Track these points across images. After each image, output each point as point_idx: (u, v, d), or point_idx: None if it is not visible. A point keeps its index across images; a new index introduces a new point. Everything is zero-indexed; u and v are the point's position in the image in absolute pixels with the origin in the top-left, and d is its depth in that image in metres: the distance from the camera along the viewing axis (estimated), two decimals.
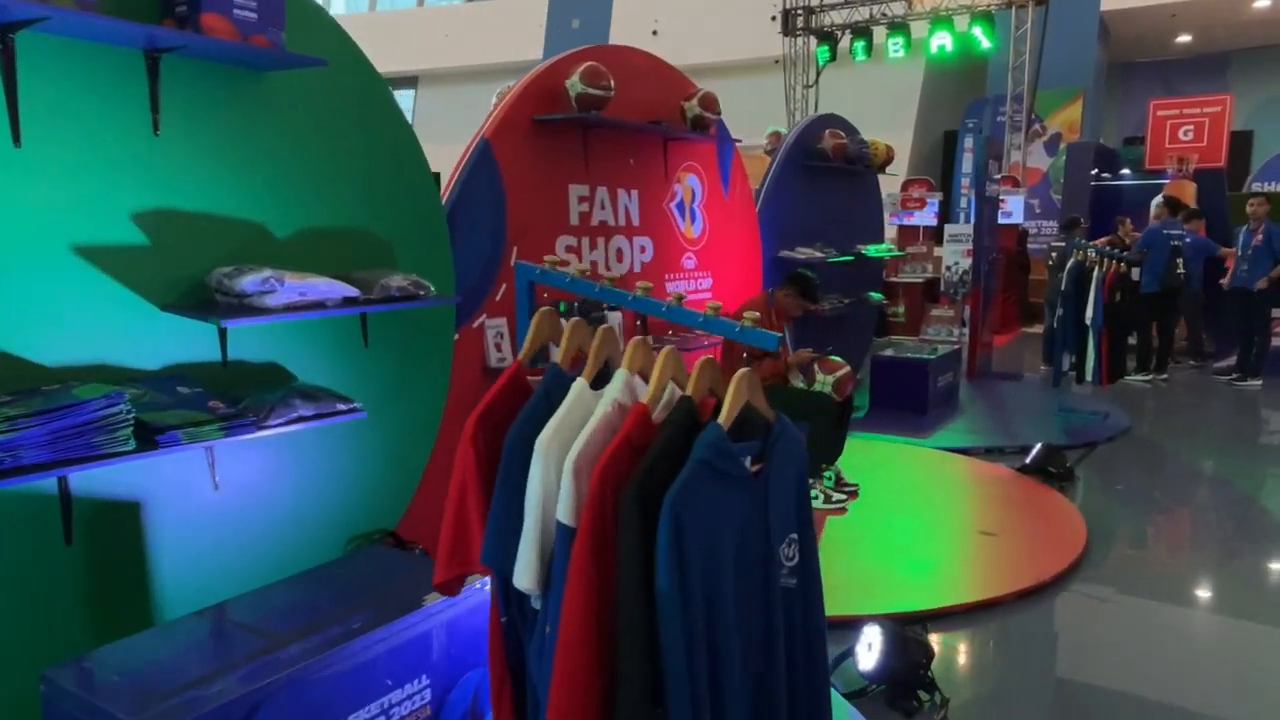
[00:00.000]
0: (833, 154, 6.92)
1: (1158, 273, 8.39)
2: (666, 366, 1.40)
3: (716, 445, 1.21)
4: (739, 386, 1.36)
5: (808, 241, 7.02)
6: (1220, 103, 10.94)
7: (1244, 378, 8.40)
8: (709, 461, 1.20)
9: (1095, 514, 4.58)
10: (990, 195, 8.39)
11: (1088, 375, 6.46)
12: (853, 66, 18.85)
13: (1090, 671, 3.06)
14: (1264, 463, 6.01)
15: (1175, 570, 3.99)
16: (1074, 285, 6.42)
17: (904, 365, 6.83)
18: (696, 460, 1.19)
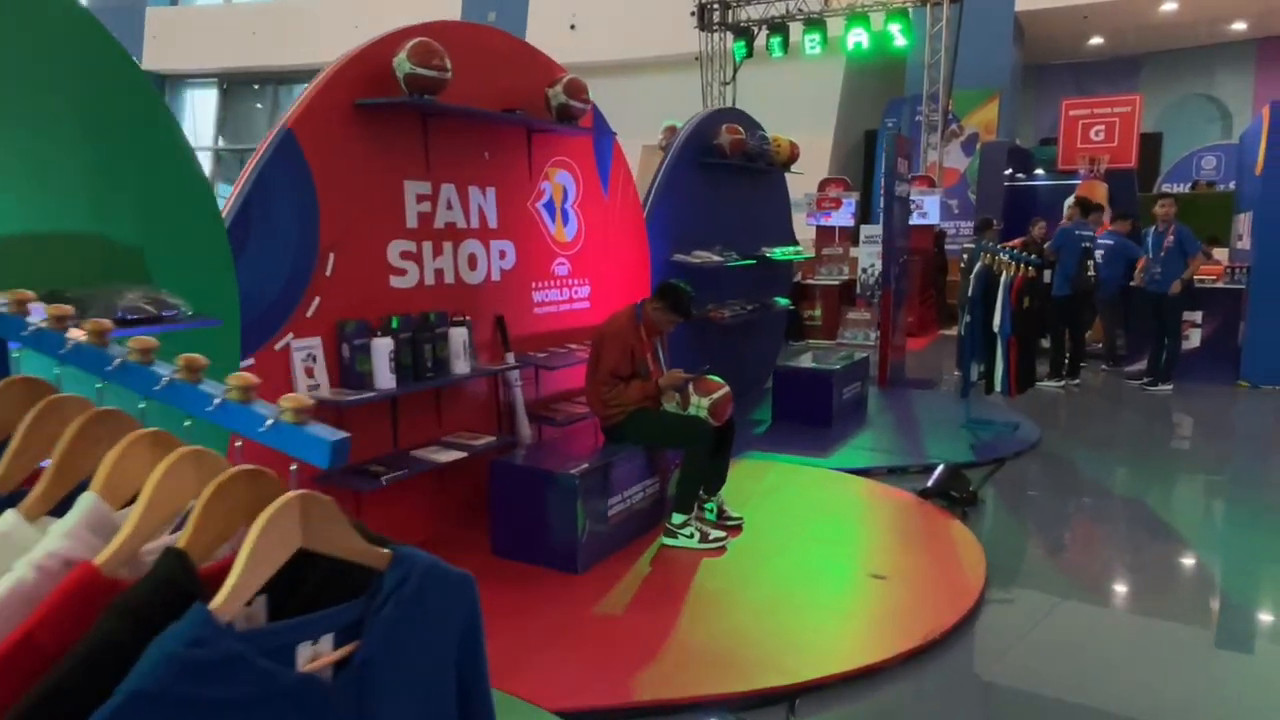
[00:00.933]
0: (730, 150, 6.44)
1: (1068, 275, 8.17)
2: (173, 482, 0.76)
3: (192, 646, 0.62)
4: (277, 524, 0.73)
5: (705, 244, 6.54)
6: (1130, 103, 10.86)
7: (1155, 382, 8.22)
8: (171, 686, 0.61)
9: (998, 545, 4.18)
10: (901, 195, 8.04)
11: (996, 385, 6.11)
12: (773, 64, 18.56)
13: None
14: (1175, 473, 5.73)
15: (1080, 616, 3.58)
16: (980, 290, 6.06)
17: (807, 377, 6.39)
18: (130, 692, 0.60)
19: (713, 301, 6.77)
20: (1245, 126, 19.42)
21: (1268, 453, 6.32)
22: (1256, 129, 9.18)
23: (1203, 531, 4.65)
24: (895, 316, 8.09)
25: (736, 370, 7.33)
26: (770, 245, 7.61)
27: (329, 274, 3.50)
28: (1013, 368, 6.08)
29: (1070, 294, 8.24)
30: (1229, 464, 5.98)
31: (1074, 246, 8.19)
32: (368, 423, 3.69)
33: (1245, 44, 18.60)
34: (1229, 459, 6.14)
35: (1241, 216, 9.91)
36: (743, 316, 6.87)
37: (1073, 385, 8.30)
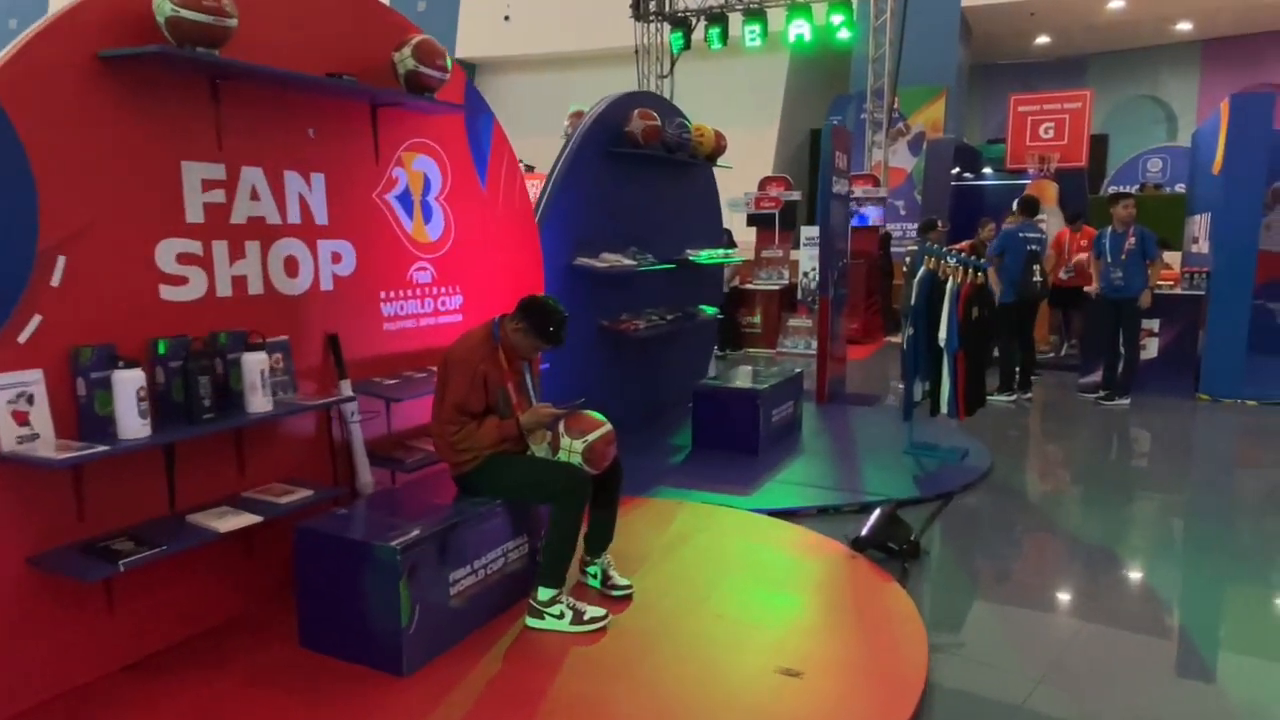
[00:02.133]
0: (644, 138, 5.64)
1: (1013, 280, 7.53)
2: None
3: None
4: None
5: (616, 246, 5.72)
6: (1080, 99, 10.34)
7: (1112, 396, 7.62)
8: None
9: (944, 615, 3.43)
10: (840, 193, 7.32)
11: (943, 407, 5.40)
12: (714, 58, 17.84)
13: None
14: (1143, 507, 5.06)
15: (1049, 710, 2.84)
16: (924, 300, 5.34)
17: (731, 398, 5.61)
18: None
19: (627, 311, 5.97)
20: (1191, 128, 19.27)
21: (1240, 478, 5.71)
22: (1211, 127, 8.67)
23: (1186, 588, 3.96)
24: (834, 326, 7.37)
25: (654, 388, 6.54)
26: (697, 247, 6.83)
27: (56, 284, 2.60)
28: (961, 386, 5.36)
29: (1016, 301, 7.62)
30: (1199, 494, 5.34)
31: (1019, 249, 7.57)
32: (125, 480, 2.80)
33: (1190, 45, 18.41)
34: (1199, 486, 5.50)
35: (1197, 219, 9.42)
36: (662, 328, 6.08)
37: (1024, 399, 7.66)
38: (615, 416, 3.45)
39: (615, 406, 6.35)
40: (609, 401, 6.30)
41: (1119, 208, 7.51)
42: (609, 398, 6.03)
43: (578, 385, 5.48)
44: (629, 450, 5.87)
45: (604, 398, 6.10)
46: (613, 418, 3.41)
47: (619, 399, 6.09)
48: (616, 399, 6.06)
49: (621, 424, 6.15)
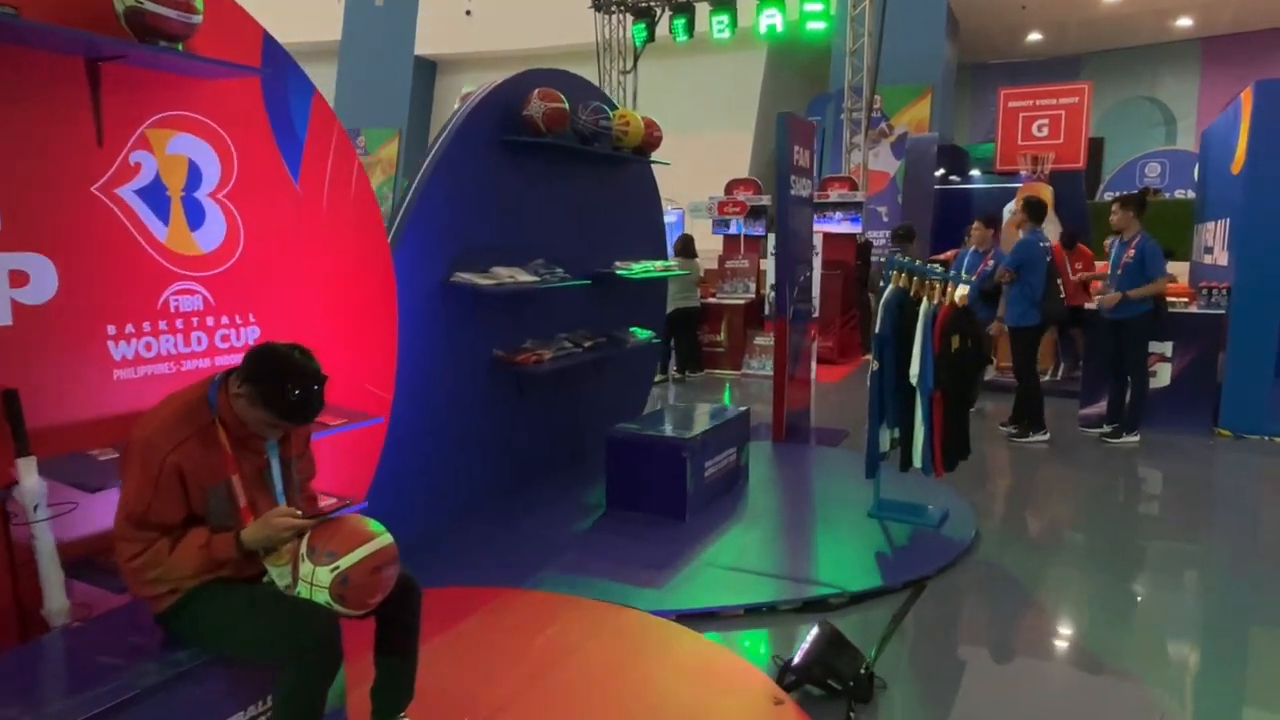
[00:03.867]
0: (545, 124, 4.54)
1: (1035, 299, 6.39)
2: None
3: None
4: None
5: (514, 257, 4.63)
6: (1078, 93, 9.29)
7: (1119, 432, 6.54)
8: None
9: None
10: (801, 195, 6.23)
11: (915, 460, 4.30)
12: (684, 56, 16.79)
13: None
14: (1169, 593, 3.97)
15: None
16: (891, 325, 4.25)
17: (651, 449, 4.49)
18: None
19: (533, 338, 4.87)
20: (1191, 131, 18.30)
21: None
22: (1227, 122, 7.63)
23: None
24: (795, 350, 6.27)
25: (571, 431, 5.41)
26: (630, 258, 5.75)
27: None
28: (938, 435, 4.27)
29: (1040, 323, 6.54)
30: (1241, 577, 4.24)
31: (1040, 262, 6.46)
32: None
33: (1189, 43, 17.46)
34: (1239, 564, 4.40)
35: (1209, 226, 8.36)
36: (577, 358, 4.98)
37: (1040, 441, 6.56)
38: (517, 467, 2.42)
39: (515, 456, 4.99)
40: (506, 451, 4.94)
41: (1111, 213, 6.49)
42: (505, 447, 4.90)
43: (454, 434, 4.38)
44: (525, 512, 4.52)
45: (498, 447, 4.88)
46: (514, 468, 2.33)
47: (522, 446, 4.99)
48: (518, 447, 4.96)
49: (527, 476, 5.14)
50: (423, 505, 4.17)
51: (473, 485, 4.59)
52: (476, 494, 4.60)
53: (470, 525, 4.31)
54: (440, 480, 4.33)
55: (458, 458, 4.44)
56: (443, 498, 4.35)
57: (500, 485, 4.80)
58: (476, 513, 4.46)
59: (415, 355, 4.01)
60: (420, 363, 4.08)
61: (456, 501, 4.45)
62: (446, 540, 4.10)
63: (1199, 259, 8.91)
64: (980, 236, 6.82)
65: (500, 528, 4.30)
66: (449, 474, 4.39)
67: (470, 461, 4.55)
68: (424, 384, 4.11)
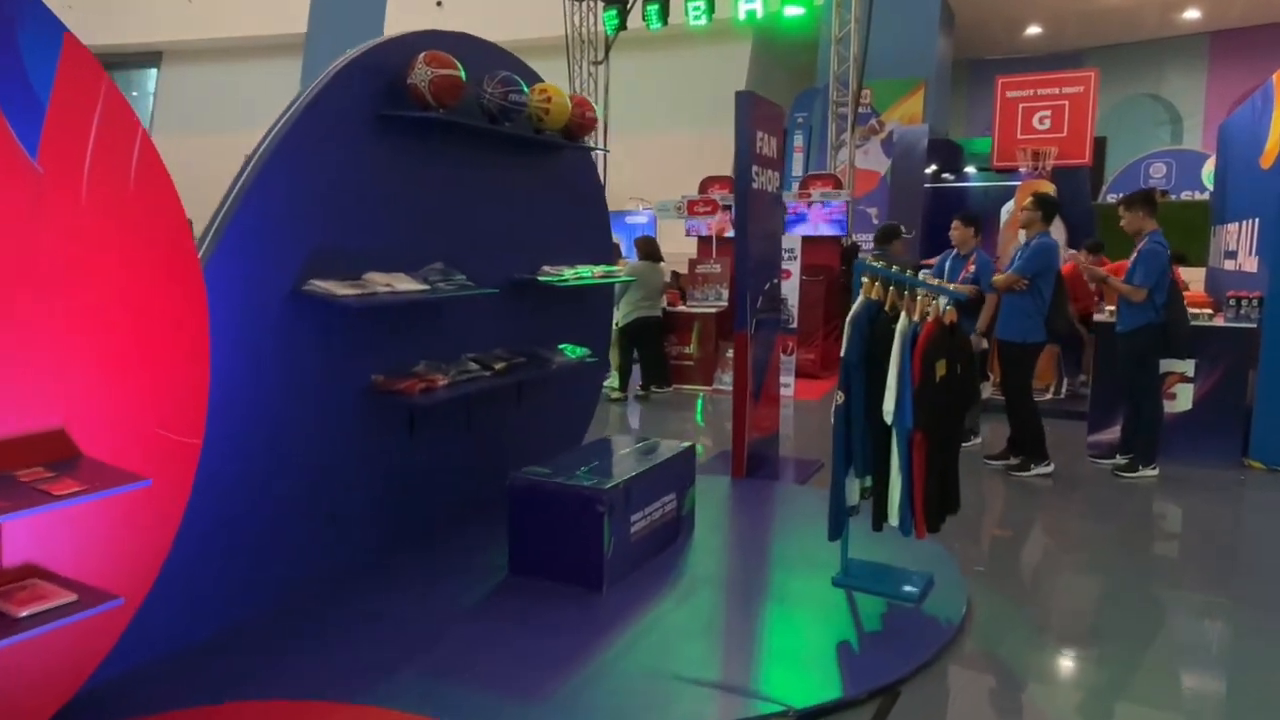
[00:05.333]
0: (434, 96, 3.65)
1: (1043, 312, 5.51)
2: None
3: None
4: None
5: (400, 261, 3.74)
6: (1083, 81, 8.42)
7: (1135, 465, 5.66)
8: None
9: None
10: (764, 189, 5.35)
11: (891, 516, 3.41)
12: (665, 49, 15.92)
13: None
14: (1205, 693, 3.08)
15: None
16: (860, 347, 3.36)
17: (558, 501, 3.58)
18: None
19: (427, 360, 3.97)
20: (1197, 131, 17.45)
21: None
22: (1253, 112, 6.76)
23: None
24: (759, 368, 5.38)
25: (477, 476, 4.38)
26: (563, 262, 4.86)
27: None
28: (919, 486, 3.38)
29: (1046, 340, 5.71)
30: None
31: (1054, 269, 5.59)
32: None
33: (1196, 38, 16.62)
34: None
35: (1230, 228, 7.50)
36: (485, 383, 4.08)
37: (1043, 473, 5.67)
38: (403, 525, 1.59)
39: (401, 511, 3.96)
40: (387, 504, 3.90)
41: (1119, 217, 5.66)
42: (386, 499, 3.88)
43: (307, 487, 3.46)
44: (405, 584, 3.51)
45: (377, 500, 3.84)
46: (400, 526, 1.57)
47: (413, 497, 4.05)
48: (406, 498, 4.00)
49: (416, 536, 3.93)
50: (251, 584, 3.26)
51: (336, 552, 3.65)
52: (341, 563, 3.65)
53: (325, 607, 3.39)
54: (283, 549, 3.40)
55: (310, 518, 3.51)
56: (287, 571, 3.41)
57: (377, 550, 3.87)
58: (338, 589, 3.53)
59: (247, 386, 3.12)
60: (257, 396, 3.18)
61: (308, 575, 3.51)
62: (279, 631, 3.17)
63: (1217, 265, 8.04)
64: (961, 237, 5.97)
65: (364, 609, 3.38)
66: (298, 540, 3.46)
67: (334, 522, 3.63)
68: (262, 424, 3.22)
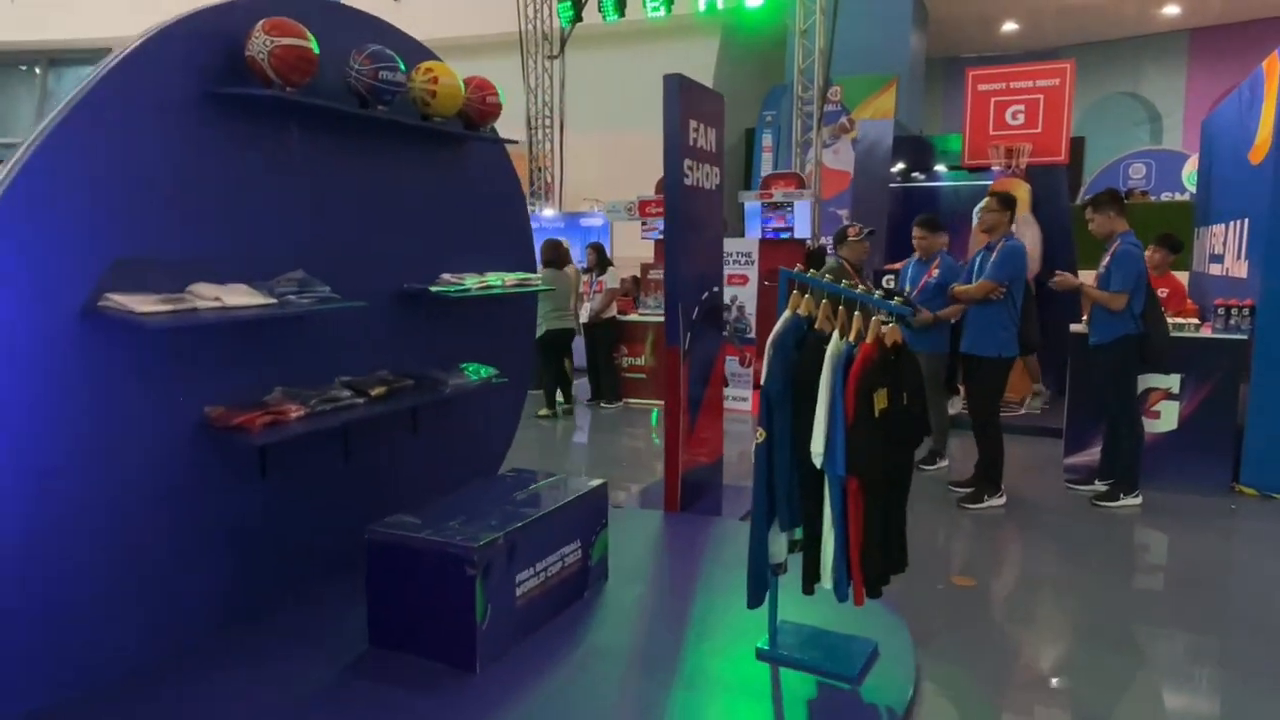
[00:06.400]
0: (277, 72, 3.03)
1: (1016, 322, 4.99)
2: None
3: None
4: None
5: (244, 270, 3.11)
6: (1058, 74, 7.90)
7: (1116, 493, 5.10)
8: None
9: None
10: (698, 185, 4.75)
11: (824, 578, 2.81)
12: (627, 45, 15.29)
13: None
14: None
15: None
16: (780, 378, 2.76)
17: (422, 560, 2.96)
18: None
19: (287, 385, 3.35)
20: (1177, 130, 17.02)
21: None
22: (1240, 104, 6.24)
23: None
24: (695, 393, 4.78)
25: (350, 525, 3.69)
26: (468, 269, 4.25)
27: None
28: (855, 543, 2.77)
29: (1025, 351, 5.20)
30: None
31: (1024, 274, 5.08)
32: None
33: (1176, 35, 16.18)
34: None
35: (1215, 230, 6.98)
36: (356, 413, 3.45)
37: (995, 505, 5.11)
38: (250, 587, 1.11)
39: (247, 571, 3.24)
40: (229, 564, 3.21)
41: (1087, 221, 5.13)
42: (228, 558, 3.15)
43: (113, 548, 2.79)
44: (241, 661, 2.89)
45: (215, 560, 3.11)
46: (246, 590, 1.64)
47: (266, 553, 3.39)
48: (257, 555, 3.30)
49: (268, 600, 3.16)
50: (51, 668, 2.63)
51: (164, 626, 3.01)
52: (164, 640, 2.99)
53: (138, 696, 2.75)
54: (91, 626, 2.77)
55: (118, 588, 2.84)
56: (92, 653, 2.78)
57: (221, 620, 3.22)
58: (161, 672, 2.89)
59: (35, 424, 2.49)
60: (50, 437, 2.55)
61: (123, 655, 2.87)
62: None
63: (1203, 269, 7.53)
64: (925, 244, 5.46)
65: (192, 693, 2.75)
66: (111, 613, 2.82)
67: (151, 591, 2.95)
68: (62, 474, 2.58)
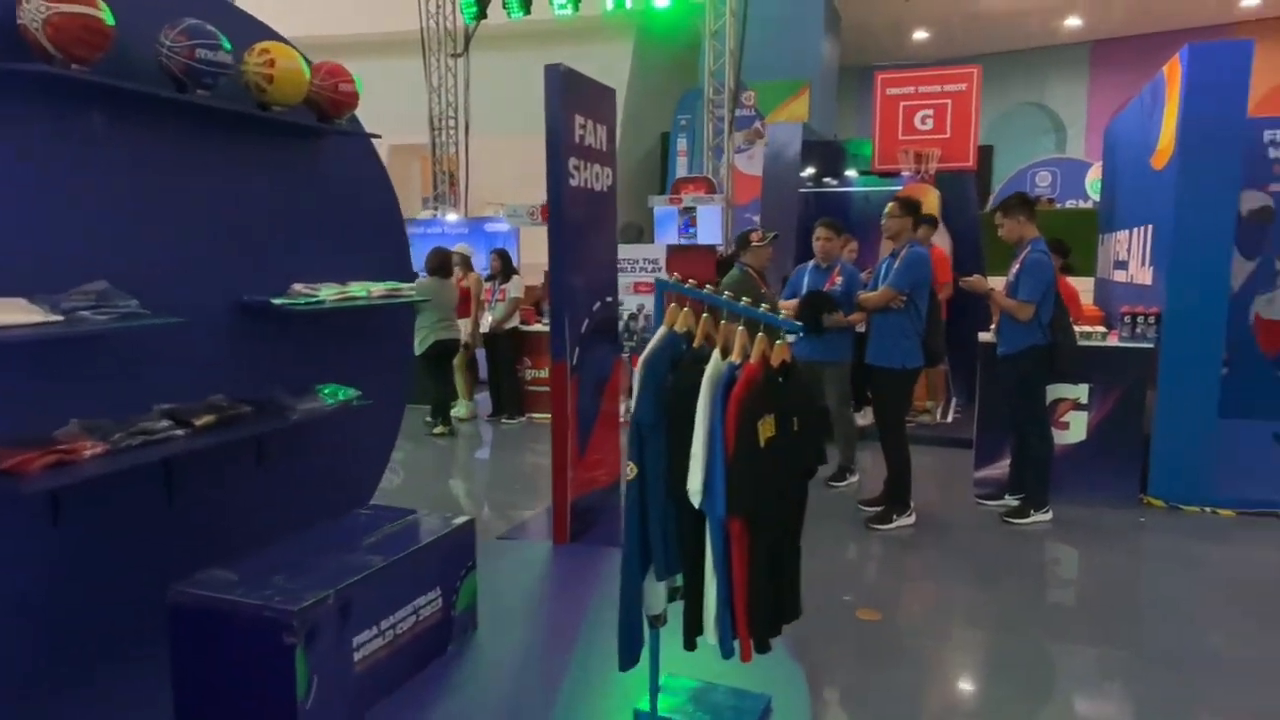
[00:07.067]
0: (58, 45, 2.54)
1: (921, 332, 4.77)
2: None
3: None
4: None
5: (24, 280, 2.60)
6: (965, 78, 7.82)
7: (1026, 509, 4.92)
8: None
9: None
10: (587, 188, 4.38)
11: (707, 631, 2.46)
12: (539, 48, 14.87)
13: None
14: None
15: None
16: (652, 405, 2.41)
17: (232, 626, 2.50)
18: None
19: (86, 416, 2.83)
20: (1080, 139, 17.47)
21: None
22: (1143, 108, 6.19)
23: None
24: (588, 412, 4.40)
25: (167, 576, 3.02)
26: (336, 278, 3.78)
27: None
28: (740, 593, 2.43)
29: (930, 362, 4.99)
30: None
31: (929, 282, 4.85)
32: None
33: (1078, 47, 16.59)
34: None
35: (1119, 236, 6.95)
36: (177, 445, 2.95)
37: (905, 524, 4.87)
38: (33, 661, 0.72)
39: (34, 639, 2.66)
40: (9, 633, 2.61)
41: (997, 226, 4.99)
42: (8, 624, 2.63)
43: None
44: None
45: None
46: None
47: (58, 619, 2.83)
48: (47, 621, 2.70)
49: (57, 675, 2.43)
50: None
51: None
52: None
53: None
54: None
55: None
56: None
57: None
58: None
59: None
60: None
61: None
62: None
63: (1107, 275, 7.51)
64: (826, 249, 5.28)
65: None
66: None
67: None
68: None
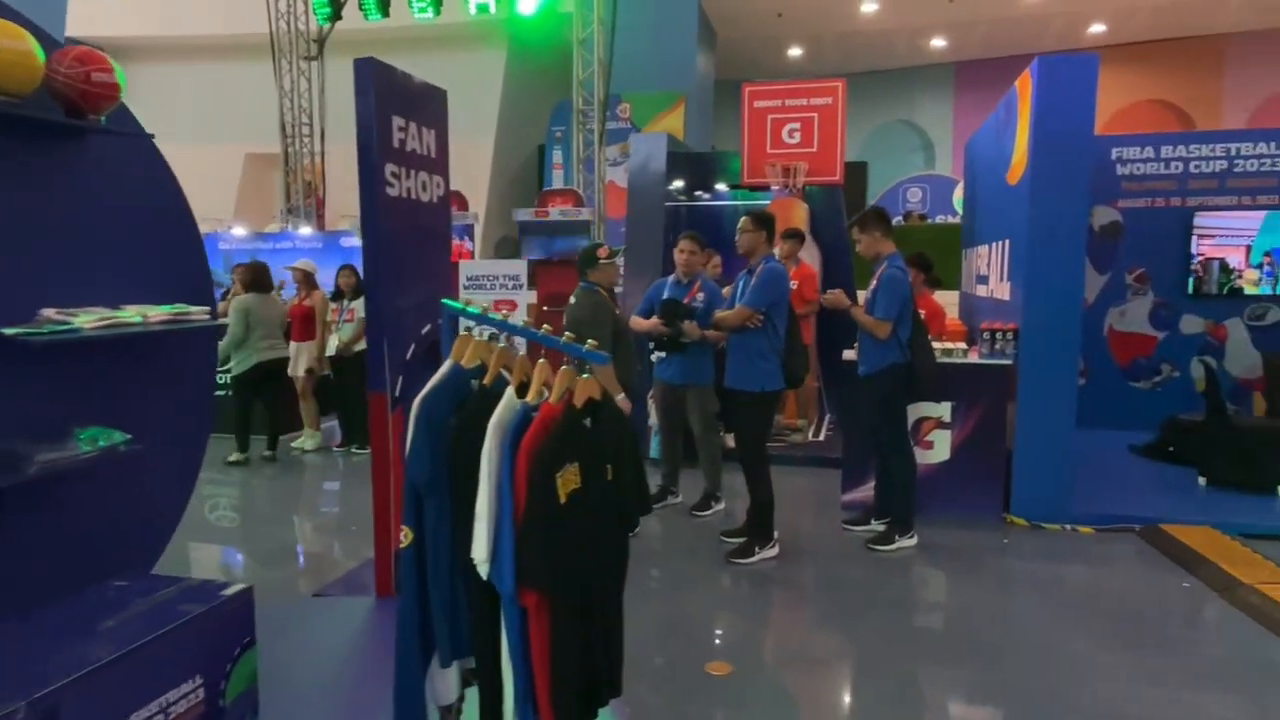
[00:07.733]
0: None
1: (780, 351, 4.51)
2: None
3: None
4: None
5: None
6: (830, 92, 7.73)
7: (891, 534, 4.74)
8: None
9: None
10: (409, 198, 3.94)
11: (508, 718, 2.06)
12: (408, 55, 14.29)
13: None
14: None
15: None
16: (429, 457, 2.00)
17: None
18: None
19: None
20: (948, 156, 18.06)
21: None
22: (997, 124, 6.21)
23: None
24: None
25: None
26: (106, 301, 3.19)
27: None
28: (542, 678, 2.04)
29: (792, 384, 4.76)
30: None
31: (786, 299, 4.60)
32: None
33: (944, 67, 17.16)
34: None
35: (980, 251, 6.97)
36: None
37: (769, 555, 4.60)
38: None
39: None
40: None
41: (854, 241, 4.83)
42: None
43: None
44: None
45: None
46: None
47: None
48: None
49: None
50: None
51: None
52: None
53: None
54: None
55: None
56: None
57: None
58: None
59: None
60: None
61: None
62: None
63: (970, 290, 7.55)
64: (688, 261, 5.01)
65: None
66: None
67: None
68: None
